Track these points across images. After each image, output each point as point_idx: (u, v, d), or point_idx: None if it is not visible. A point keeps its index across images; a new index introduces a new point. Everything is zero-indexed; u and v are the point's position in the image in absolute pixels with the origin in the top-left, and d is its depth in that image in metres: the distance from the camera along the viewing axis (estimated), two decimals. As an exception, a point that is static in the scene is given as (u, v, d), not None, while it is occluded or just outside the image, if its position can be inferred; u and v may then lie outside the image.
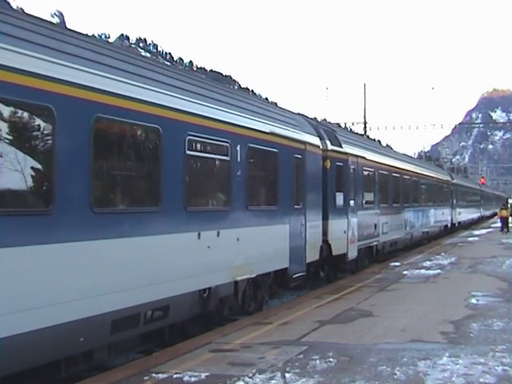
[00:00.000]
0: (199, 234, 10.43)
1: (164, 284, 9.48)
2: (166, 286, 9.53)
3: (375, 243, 22.58)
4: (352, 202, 19.56)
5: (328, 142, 17.67)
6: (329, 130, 18.80)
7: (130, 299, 8.66)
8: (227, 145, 11.45)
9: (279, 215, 13.75)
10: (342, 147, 18.85)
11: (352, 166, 19.72)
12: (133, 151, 9.10)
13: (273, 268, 13.57)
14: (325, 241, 17.15)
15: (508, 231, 44.03)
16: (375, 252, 22.81)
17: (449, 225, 43.05)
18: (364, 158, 21.26)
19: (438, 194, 39.08)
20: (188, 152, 10.20)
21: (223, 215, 11.39)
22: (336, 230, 17.87)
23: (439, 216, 38.46)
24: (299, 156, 15.00)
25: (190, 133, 10.23)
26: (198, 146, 10.65)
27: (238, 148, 11.83)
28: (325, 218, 17.15)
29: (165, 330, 10.37)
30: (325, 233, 17.16)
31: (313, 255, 15.98)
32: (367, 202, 21.79)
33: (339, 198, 18.32)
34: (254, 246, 12.46)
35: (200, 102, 10.65)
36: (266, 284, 13.65)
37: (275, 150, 13.58)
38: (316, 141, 16.49)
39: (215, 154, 11.23)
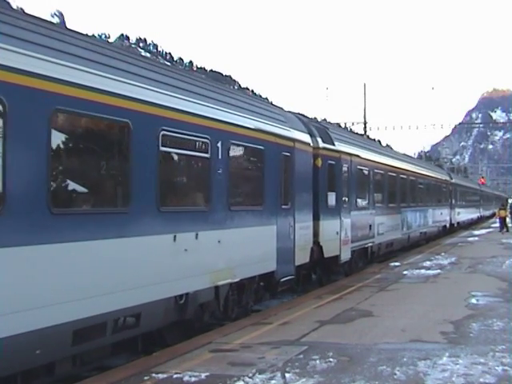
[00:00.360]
0: (175, 237, 9.75)
1: (134, 290, 8.80)
2: (137, 293, 8.85)
3: (370, 244, 21.87)
4: (345, 202, 18.85)
5: (319, 140, 16.97)
6: (320, 128, 18.09)
7: (95, 307, 7.98)
8: (207, 141, 10.76)
9: (265, 216, 13.08)
10: (334, 145, 18.15)
11: (345, 165, 19.01)
12: (99, 147, 8.43)
13: (258, 271, 12.89)
14: (316, 242, 16.46)
15: (508, 231, 43.85)
16: (370, 253, 22.09)
17: (447, 225, 42.35)
18: (358, 156, 20.56)
19: (437, 193, 38.37)
20: (162, 148, 9.52)
21: (202, 216, 10.70)
22: (328, 231, 17.17)
23: (437, 216, 37.75)
24: (287, 154, 14.32)
25: (165, 128, 9.54)
26: (174, 142, 9.95)
27: (219, 144, 11.15)
28: (316, 219, 16.46)
29: (138, 338, 9.71)
30: (316, 234, 16.46)
31: (303, 257, 15.30)
32: (362, 202, 21.08)
33: (331, 198, 17.61)
34: (236, 248, 11.78)
35: (176, 95, 9.96)
36: (252, 288, 12.97)
37: (261, 147, 12.90)
38: (306, 138, 15.81)
39: (193, 151, 10.53)
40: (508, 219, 46.49)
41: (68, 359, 8.15)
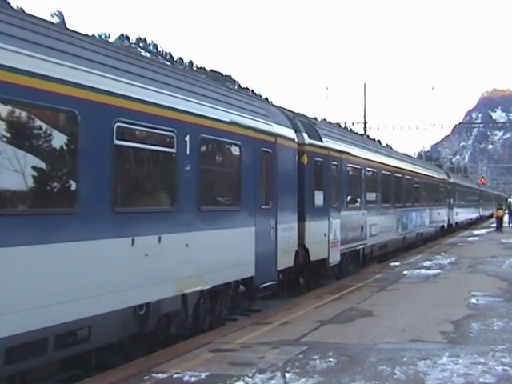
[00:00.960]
0: (133, 240, 8.75)
1: (83, 301, 7.81)
2: (86, 304, 7.86)
3: (362, 246, 20.77)
4: (334, 202, 17.80)
5: (305, 135, 15.92)
6: (307, 123, 17.02)
7: (32, 322, 7.00)
8: (172, 134, 9.76)
9: (242, 217, 12.07)
10: (322, 141, 17.09)
11: (334, 162, 17.94)
12: (39, 139, 7.43)
13: (234, 277, 11.88)
14: (301, 245, 15.43)
15: (501, 231, 43.91)
16: (362, 256, 21.03)
17: (445, 225, 41.32)
18: (349, 153, 19.48)
19: (434, 193, 37.30)
20: (117, 142, 8.52)
21: (167, 217, 9.70)
22: (314, 232, 16.13)
23: (435, 216, 36.70)
24: (268, 150, 13.31)
25: (120, 119, 8.55)
26: (132, 135, 8.97)
27: (187, 139, 10.14)
28: (301, 220, 15.43)
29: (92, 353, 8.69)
30: (301, 236, 15.43)
31: (286, 261, 14.30)
32: (352, 202, 19.99)
33: (318, 198, 16.55)
34: (208, 252, 10.78)
35: (134, 83, 8.95)
36: (227, 296, 11.98)
37: (237, 143, 11.91)
38: (290, 133, 14.79)
39: (155, 145, 9.49)
40: (505, 219, 47.19)
41: (2, 380, 7.16)
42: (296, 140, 15.11)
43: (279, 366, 8.34)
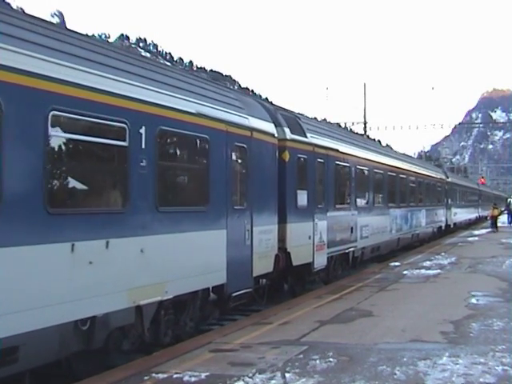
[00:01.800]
0: (73, 246, 7.62)
1: (8, 317, 6.71)
2: (13, 320, 6.76)
3: (352, 249, 19.55)
4: (320, 202, 16.62)
5: (287, 130, 14.76)
6: (289, 117, 15.83)
7: None
8: (123, 125, 8.62)
9: (211, 218, 10.94)
10: (306, 137, 15.92)
11: (320, 160, 16.73)
12: None
13: (202, 285, 10.75)
14: (282, 249, 14.30)
15: (496, 230, 44.05)
16: (352, 259, 19.84)
17: (443, 226, 40.18)
18: (337, 150, 18.28)
19: (431, 193, 36.10)
20: (53, 133, 7.41)
21: (116, 219, 8.56)
22: (297, 235, 14.98)
23: (432, 217, 35.56)
24: (243, 145, 12.19)
25: (56, 107, 7.42)
26: (71, 125, 7.84)
27: (143, 131, 9.02)
28: (282, 222, 14.29)
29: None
30: (282, 239, 14.29)
31: (264, 267, 13.18)
32: (341, 202, 18.75)
33: (302, 197, 15.38)
34: (169, 258, 9.65)
35: (73, 66, 7.81)
36: (195, 306, 10.86)
37: (205, 136, 10.78)
38: (269, 127, 13.64)
39: (101, 137, 8.31)
40: (504, 218, 47.94)
41: None
42: (276, 135, 13.96)
43: (279, 366, 8.31)
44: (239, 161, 12.12)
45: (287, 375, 7.84)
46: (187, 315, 10.75)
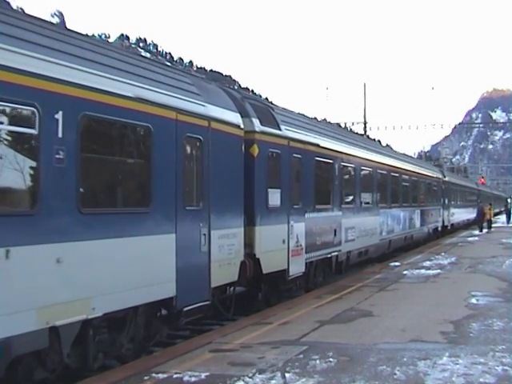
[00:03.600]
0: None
1: None
2: None
3: (335, 254, 17.88)
4: (297, 202, 14.95)
5: (256, 121, 13.10)
6: (261, 107, 14.11)
7: None
8: (31, 109, 7.05)
9: (155, 221, 9.31)
10: (280, 129, 14.28)
11: (296, 155, 15.03)
12: None
13: (143, 300, 9.11)
14: (250, 254, 12.70)
15: (481, 229, 44.05)
16: (335, 265, 18.14)
17: (439, 227, 38.58)
18: (317, 145, 16.61)
19: (426, 192, 34.43)
20: None
21: (22, 223, 6.95)
22: (268, 239, 13.32)
23: (427, 217, 33.94)
24: (198, 136, 10.59)
25: None
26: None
27: (59, 116, 7.41)
28: (250, 224, 12.66)
29: None
30: (250, 244, 12.68)
31: (226, 276, 11.58)
32: (322, 202, 16.97)
33: (274, 197, 13.70)
34: (96, 269, 8.03)
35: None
36: (136, 324, 9.27)
37: (146, 125, 9.16)
38: (233, 117, 12.01)
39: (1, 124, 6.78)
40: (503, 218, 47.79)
41: None
42: (242, 126, 12.31)
43: (279, 366, 8.29)
44: (193, 154, 10.54)
45: (287, 375, 7.81)
46: (127, 335, 9.17)
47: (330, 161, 17.78)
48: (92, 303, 7.96)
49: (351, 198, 20.00)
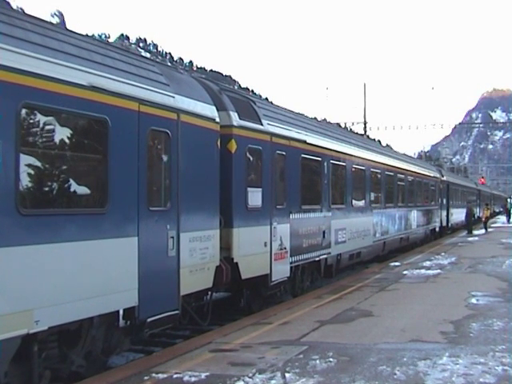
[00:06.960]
0: None
1: None
2: None
3: (324, 257, 16.94)
4: (280, 202, 13.99)
5: (233, 115, 12.16)
6: (240, 100, 13.15)
7: None
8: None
9: (113, 223, 8.38)
10: (261, 124, 13.33)
11: (280, 152, 14.09)
12: None
13: (97, 311, 8.17)
14: (228, 259, 11.82)
15: (470, 231, 42.90)
16: (324, 268, 17.19)
17: (437, 228, 37.68)
18: (304, 141, 15.64)
19: (424, 192, 33.45)
20: None
21: None
22: (248, 241, 12.38)
23: (424, 218, 33.03)
24: (165, 130, 9.67)
25: None
26: None
27: None
28: (227, 226, 11.75)
29: None
30: (227, 247, 11.76)
31: (198, 282, 10.65)
32: (310, 202, 16.00)
33: (254, 197, 12.76)
34: (40, 277, 7.10)
35: None
36: (92, 337, 8.37)
37: (102, 116, 8.24)
38: (207, 110, 11.06)
39: None
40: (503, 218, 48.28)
41: None
42: (217, 120, 11.39)
43: (279, 366, 8.30)
44: (159, 150, 9.64)
45: (287, 375, 7.82)
46: (82, 349, 8.28)
47: (319, 158, 16.84)
48: (35, 315, 7.05)
49: (342, 197, 19.05)
